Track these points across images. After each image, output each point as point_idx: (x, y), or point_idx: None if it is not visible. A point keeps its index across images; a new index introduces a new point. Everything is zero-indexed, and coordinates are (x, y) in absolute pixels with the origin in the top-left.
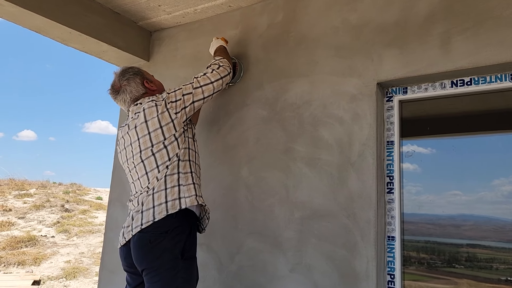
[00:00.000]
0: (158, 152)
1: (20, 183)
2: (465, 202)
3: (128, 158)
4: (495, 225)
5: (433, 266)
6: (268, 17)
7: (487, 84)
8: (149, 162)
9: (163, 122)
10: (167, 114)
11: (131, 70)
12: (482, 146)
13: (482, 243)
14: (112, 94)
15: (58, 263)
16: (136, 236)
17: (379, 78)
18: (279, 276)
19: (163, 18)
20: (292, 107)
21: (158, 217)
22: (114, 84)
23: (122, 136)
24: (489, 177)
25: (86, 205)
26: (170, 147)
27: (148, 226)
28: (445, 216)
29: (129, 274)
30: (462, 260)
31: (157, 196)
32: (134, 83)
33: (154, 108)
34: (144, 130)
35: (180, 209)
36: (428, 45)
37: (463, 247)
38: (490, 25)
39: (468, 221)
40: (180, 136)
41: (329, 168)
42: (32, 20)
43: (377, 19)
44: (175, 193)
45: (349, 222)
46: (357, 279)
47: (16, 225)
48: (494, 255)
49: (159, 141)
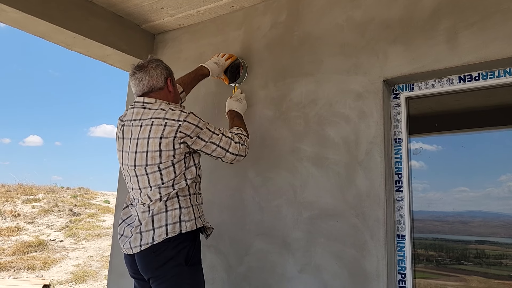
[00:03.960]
0: (152, 174)
1: (28, 188)
2: (473, 199)
3: (124, 163)
4: (503, 221)
5: (442, 263)
6: (271, 16)
7: (496, 79)
8: (142, 180)
9: (163, 147)
10: (171, 141)
11: (164, 63)
12: (489, 142)
13: (491, 240)
14: (133, 69)
15: (67, 267)
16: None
17: (385, 75)
18: (288, 277)
19: (166, 21)
20: (297, 106)
21: (157, 240)
22: (142, 63)
23: (122, 137)
24: (496, 173)
25: (94, 209)
26: (164, 171)
27: (147, 248)
28: (453, 213)
29: (137, 280)
30: (471, 257)
31: (158, 218)
32: (159, 72)
33: (161, 127)
34: (143, 147)
35: (180, 233)
36: (434, 41)
37: (472, 244)
38: (497, 19)
39: (477, 217)
40: (178, 163)
41: (337, 167)
42: (36, 26)
43: (381, 15)
44: (176, 216)
45: (358, 221)
46: (368, 278)
47: (25, 230)
48: (503, 251)
49: (154, 163)
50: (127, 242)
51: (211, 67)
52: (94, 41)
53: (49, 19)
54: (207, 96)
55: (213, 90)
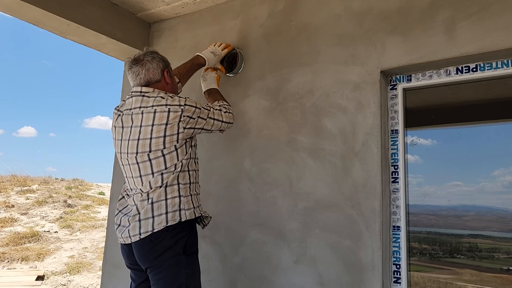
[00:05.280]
0: (155, 159)
1: (22, 179)
2: (467, 193)
3: (122, 152)
4: (496, 215)
5: (435, 256)
6: (268, 6)
7: (493, 70)
8: (144, 166)
9: (168, 132)
10: (176, 125)
11: (160, 55)
12: (484, 136)
13: (484, 233)
14: (129, 63)
15: (62, 258)
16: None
17: (382, 66)
18: (284, 267)
19: (162, 9)
20: (294, 97)
21: (157, 228)
22: (138, 56)
23: (121, 126)
24: (490, 168)
25: (89, 200)
26: (168, 156)
27: (146, 236)
28: (447, 207)
29: (133, 271)
30: (464, 251)
31: (157, 206)
32: (155, 65)
33: (166, 113)
34: (147, 133)
35: (180, 221)
36: (432, 31)
37: (465, 237)
38: (496, 9)
39: (470, 211)
40: (180, 147)
41: (333, 158)
42: (30, 12)
43: (380, 5)
44: (175, 204)
45: (354, 212)
46: (363, 269)
47: (19, 221)
48: (495, 245)
49: (158, 148)
50: (126, 231)
51: (207, 56)
52: (88, 29)
53: (43, 5)
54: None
55: None
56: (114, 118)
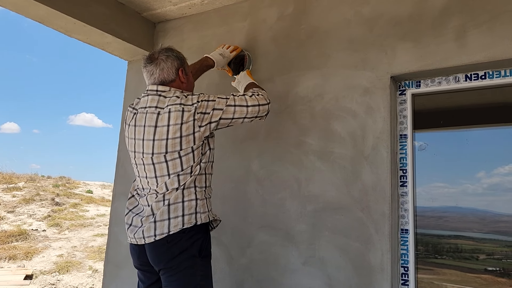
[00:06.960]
0: (172, 161)
1: (8, 177)
2: (450, 194)
3: (136, 151)
4: (478, 217)
5: (418, 257)
6: (278, 9)
7: (502, 78)
8: (160, 168)
9: (184, 132)
10: (191, 124)
11: (176, 52)
12: (470, 139)
13: (466, 235)
14: (145, 60)
15: (50, 257)
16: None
17: (392, 71)
18: (292, 269)
19: (169, 9)
20: (303, 100)
21: (173, 230)
22: (153, 54)
23: (135, 124)
24: (473, 170)
25: (77, 199)
26: (184, 158)
27: (162, 238)
28: (430, 208)
29: (143, 272)
30: (446, 251)
31: (174, 208)
32: (170, 64)
33: (180, 113)
34: (163, 134)
35: (196, 224)
36: (443, 39)
37: (448, 238)
38: (506, 19)
39: (452, 212)
40: (197, 149)
41: (342, 161)
42: (36, 10)
43: (390, 11)
44: (192, 207)
45: (363, 215)
46: (372, 271)
47: (5, 219)
48: (477, 246)
49: (174, 150)
50: (139, 231)
51: (216, 58)
52: (94, 28)
53: (50, 3)
54: (210, 87)
55: (216, 81)
56: (128, 116)
